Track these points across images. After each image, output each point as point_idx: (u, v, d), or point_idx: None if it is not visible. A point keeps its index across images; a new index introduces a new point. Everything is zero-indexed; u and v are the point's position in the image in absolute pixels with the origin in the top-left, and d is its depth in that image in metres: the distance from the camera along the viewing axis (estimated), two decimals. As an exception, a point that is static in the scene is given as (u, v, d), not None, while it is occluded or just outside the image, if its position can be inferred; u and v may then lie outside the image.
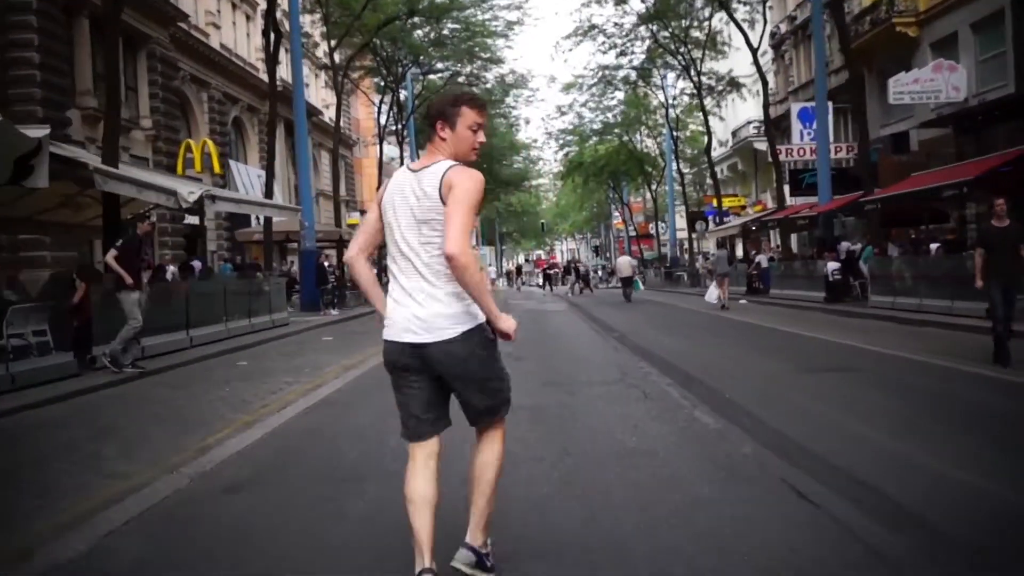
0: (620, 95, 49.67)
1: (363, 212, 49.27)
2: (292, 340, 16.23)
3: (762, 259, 28.33)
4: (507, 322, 3.27)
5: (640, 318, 20.69)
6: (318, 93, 46.62)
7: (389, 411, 6.98)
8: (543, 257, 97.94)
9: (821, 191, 24.89)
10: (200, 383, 10.11)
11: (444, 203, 3.13)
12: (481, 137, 3.35)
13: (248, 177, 33.90)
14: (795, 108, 32.16)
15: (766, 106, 32.16)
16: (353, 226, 43.09)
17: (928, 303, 16.41)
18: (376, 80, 42.08)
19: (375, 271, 5.16)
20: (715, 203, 42.71)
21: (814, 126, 31.11)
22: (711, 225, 45.32)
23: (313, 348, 14.36)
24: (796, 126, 31.47)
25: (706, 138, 40.54)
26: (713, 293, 22.15)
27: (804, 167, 32.95)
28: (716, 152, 42.05)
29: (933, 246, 18.56)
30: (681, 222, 54.00)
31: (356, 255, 3.49)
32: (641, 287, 32.39)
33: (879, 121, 28.12)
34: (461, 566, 3.26)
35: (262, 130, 36.46)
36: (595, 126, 53.38)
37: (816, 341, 13.24)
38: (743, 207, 45.32)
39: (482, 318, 3.25)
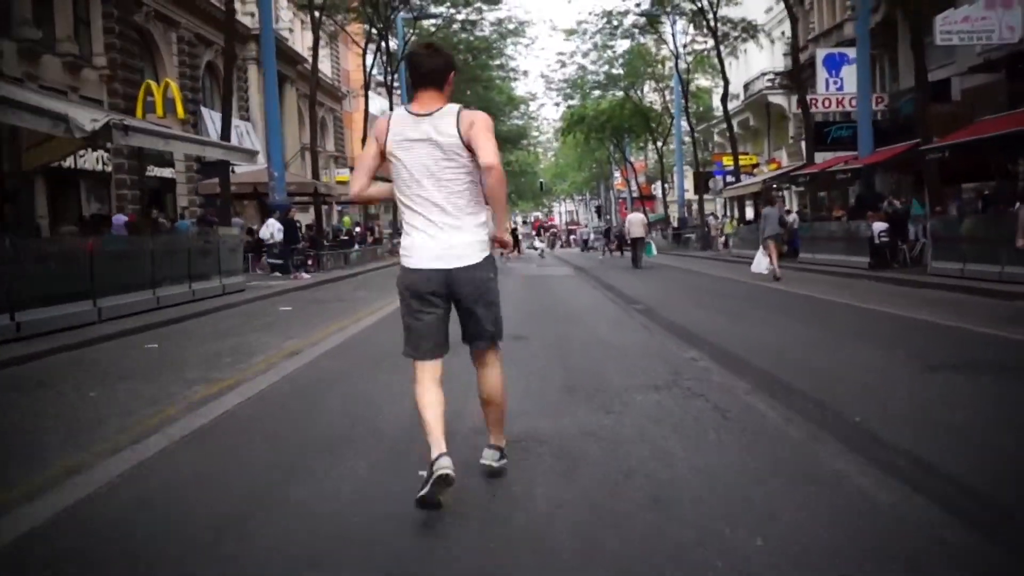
0: (626, 44, 46.27)
1: (352, 169, 46.21)
2: (239, 311, 13.17)
3: (794, 219, 25.32)
4: (507, 235, 3.84)
5: (662, 286, 17.75)
6: (303, 39, 43.23)
7: (319, 437, 4.00)
8: (541, 219, 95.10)
9: (862, 144, 22.03)
10: (67, 380, 7.09)
11: (462, 139, 3.51)
12: None
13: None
14: (820, 54, 28.91)
15: (795, 48, 28.70)
16: (342, 183, 40.08)
17: (1013, 271, 13.56)
18: (365, 27, 38.91)
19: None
20: (726, 161, 39.71)
21: (841, 74, 28.16)
22: (721, 184, 42.34)
23: (260, 323, 11.31)
24: (822, 74, 28.32)
25: (720, 88, 37.36)
26: (762, 261, 17.87)
27: (826, 119, 29.97)
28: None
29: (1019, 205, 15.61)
30: (687, 182, 50.95)
31: (362, 190, 3.77)
32: (654, 251, 29.11)
33: (913, 69, 25.04)
34: (490, 462, 3.88)
35: (240, 76, 33.29)
36: (598, 78, 49.88)
37: (903, 320, 10.30)
38: (755, 165, 42.35)
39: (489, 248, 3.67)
